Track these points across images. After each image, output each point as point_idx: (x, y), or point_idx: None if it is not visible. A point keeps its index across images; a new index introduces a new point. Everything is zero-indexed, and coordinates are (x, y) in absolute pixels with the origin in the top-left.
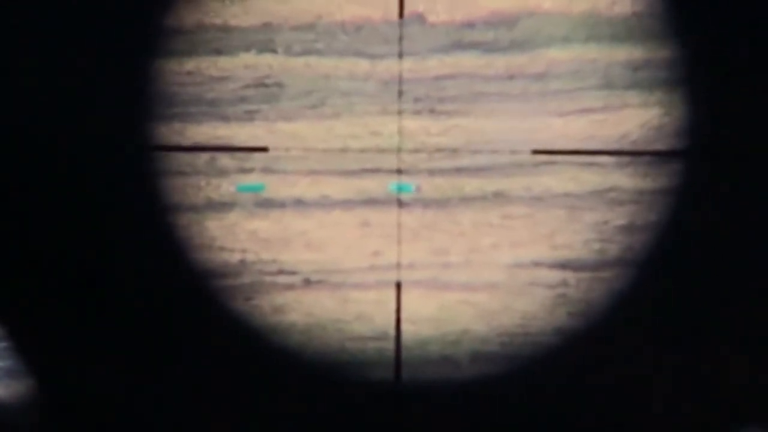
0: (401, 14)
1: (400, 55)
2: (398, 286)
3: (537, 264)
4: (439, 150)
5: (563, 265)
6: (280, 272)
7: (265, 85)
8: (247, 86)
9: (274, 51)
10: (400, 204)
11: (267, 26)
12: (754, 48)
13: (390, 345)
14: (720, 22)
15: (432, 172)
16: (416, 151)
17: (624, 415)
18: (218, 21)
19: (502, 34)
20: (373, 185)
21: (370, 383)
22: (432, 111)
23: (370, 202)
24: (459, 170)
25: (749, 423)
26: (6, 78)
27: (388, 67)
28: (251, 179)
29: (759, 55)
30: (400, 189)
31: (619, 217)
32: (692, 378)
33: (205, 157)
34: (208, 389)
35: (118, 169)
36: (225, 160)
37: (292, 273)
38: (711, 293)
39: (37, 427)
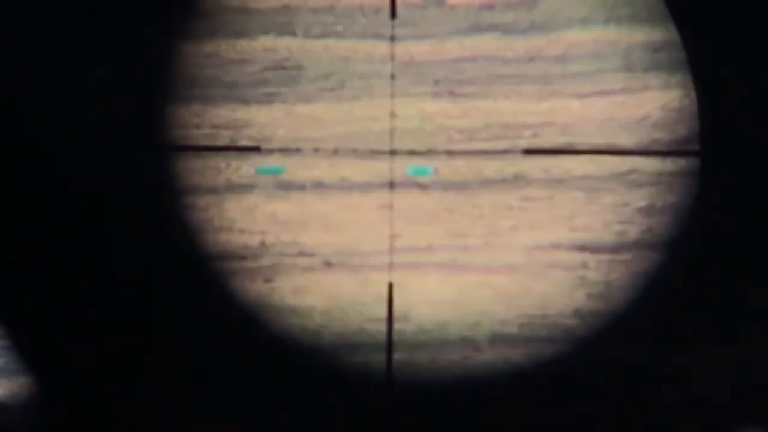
0: None
1: (419, 38)
2: (390, 286)
3: (556, 246)
4: (457, 132)
5: (582, 247)
6: (300, 254)
7: (284, 68)
8: (267, 69)
9: (293, 33)
10: (419, 186)
11: (286, 9)
12: None
13: (410, 327)
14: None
15: (451, 155)
16: (435, 133)
17: (642, 396)
18: (237, 3)
19: (522, 16)
20: (392, 168)
21: (388, 365)
22: (451, 93)
23: (389, 184)
24: (478, 152)
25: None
26: (25, 59)
27: (407, 49)
28: (271, 161)
29: None
30: (418, 172)
31: (638, 199)
32: (710, 359)
33: (224, 139)
34: (227, 372)
35: (138, 152)
36: (245, 142)
37: (312, 255)
38: (730, 274)
39: (36, 425)
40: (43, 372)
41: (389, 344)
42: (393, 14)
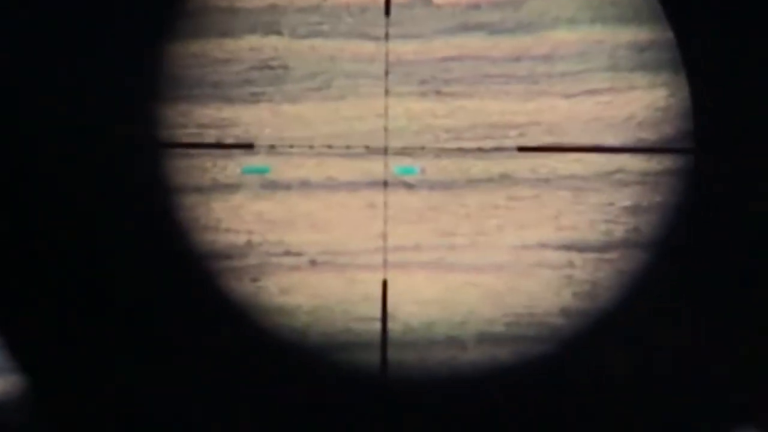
0: None
1: (406, 37)
2: (385, 283)
3: (543, 245)
4: (444, 131)
5: (569, 247)
6: (286, 253)
7: (271, 68)
8: (253, 68)
9: (279, 33)
10: (406, 186)
11: (272, 8)
12: (761, 30)
13: (397, 326)
14: (726, 3)
15: (438, 154)
16: (422, 132)
17: (629, 395)
18: (224, 3)
19: (508, 16)
20: (378, 167)
21: (374, 364)
22: (438, 93)
23: (376, 183)
24: (464, 152)
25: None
26: (14, 61)
27: (394, 48)
28: (257, 161)
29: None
30: (405, 171)
31: (624, 199)
32: (696, 359)
33: (211, 138)
34: (214, 371)
35: (124, 151)
36: (231, 141)
37: (298, 254)
38: (716, 274)
39: (30, 423)
40: (34, 369)
41: (384, 343)
42: (380, 13)
